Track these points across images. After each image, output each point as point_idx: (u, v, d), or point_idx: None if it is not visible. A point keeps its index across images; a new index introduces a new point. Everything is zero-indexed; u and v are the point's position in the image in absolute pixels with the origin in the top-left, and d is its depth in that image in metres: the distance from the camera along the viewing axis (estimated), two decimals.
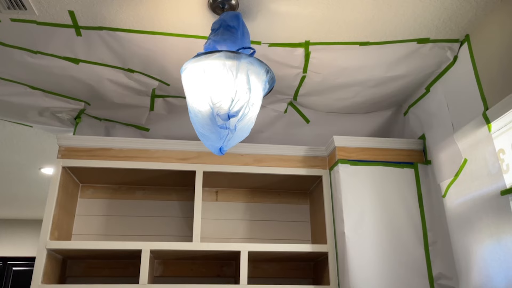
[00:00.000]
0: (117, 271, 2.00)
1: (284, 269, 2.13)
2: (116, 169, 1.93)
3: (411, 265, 1.73)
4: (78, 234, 2.04)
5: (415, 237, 1.79)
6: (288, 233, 2.19)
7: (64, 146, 1.90)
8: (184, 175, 2.00)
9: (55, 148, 1.92)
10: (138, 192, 2.17)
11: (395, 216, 1.81)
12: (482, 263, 1.48)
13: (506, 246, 1.37)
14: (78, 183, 2.10)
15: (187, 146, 1.99)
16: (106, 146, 1.93)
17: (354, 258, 1.73)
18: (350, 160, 1.91)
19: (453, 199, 1.67)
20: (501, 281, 1.39)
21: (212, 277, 2.06)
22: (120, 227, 2.09)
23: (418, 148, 1.95)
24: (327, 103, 2.12)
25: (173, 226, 2.14)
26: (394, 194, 1.85)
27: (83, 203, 2.11)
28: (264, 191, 2.26)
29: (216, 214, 2.19)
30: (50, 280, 1.77)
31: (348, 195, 1.84)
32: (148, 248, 1.77)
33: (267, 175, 2.04)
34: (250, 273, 2.02)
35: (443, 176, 1.75)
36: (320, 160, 2.05)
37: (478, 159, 1.54)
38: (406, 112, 2.13)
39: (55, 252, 1.80)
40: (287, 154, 2.03)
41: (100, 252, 1.85)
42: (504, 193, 1.40)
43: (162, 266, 2.05)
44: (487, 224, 1.46)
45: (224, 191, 2.24)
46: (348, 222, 1.79)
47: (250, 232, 2.17)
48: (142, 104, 2.11)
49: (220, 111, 1.29)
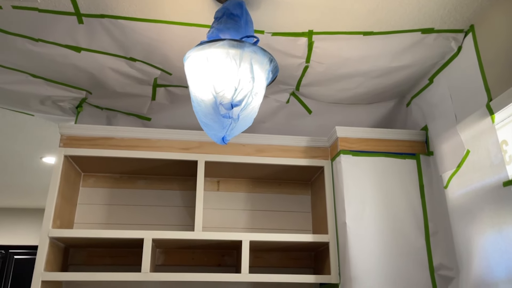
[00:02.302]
0: (119, 260, 2.01)
1: (285, 259, 2.14)
2: (118, 158, 1.93)
3: (412, 256, 1.74)
4: (80, 223, 2.05)
5: (416, 227, 1.79)
6: (289, 223, 2.20)
7: (66, 135, 1.90)
8: (186, 164, 2.00)
9: (56, 137, 1.91)
10: (140, 181, 2.17)
11: (396, 206, 1.82)
12: (483, 254, 1.48)
13: (507, 237, 1.38)
14: (80, 172, 2.10)
15: (189, 136, 1.98)
16: (108, 135, 1.92)
17: (355, 248, 1.73)
18: (352, 150, 1.90)
19: (455, 190, 1.67)
20: (502, 271, 1.40)
21: (213, 266, 2.08)
22: (122, 216, 2.10)
23: (420, 139, 1.95)
24: (330, 94, 2.12)
25: (175, 215, 2.14)
26: (395, 184, 1.85)
27: (85, 192, 2.11)
28: (265, 181, 2.26)
29: (217, 204, 2.19)
30: (52, 268, 1.78)
31: (350, 185, 1.84)
32: (150, 237, 1.78)
33: (269, 166, 2.04)
34: (251, 262, 2.03)
35: (445, 167, 1.75)
36: (322, 151, 2.05)
37: (480, 150, 1.54)
38: (408, 103, 2.13)
39: (57, 240, 1.81)
40: (288, 145, 2.03)
41: (102, 241, 1.85)
42: (507, 184, 1.40)
43: (163, 255, 2.06)
44: (488, 215, 1.47)
45: (226, 181, 2.24)
46: (350, 212, 1.79)
47: (251, 222, 2.18)
48: (143, 93, 2.10)
49: (223, 100, 1.29)
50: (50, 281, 1.75)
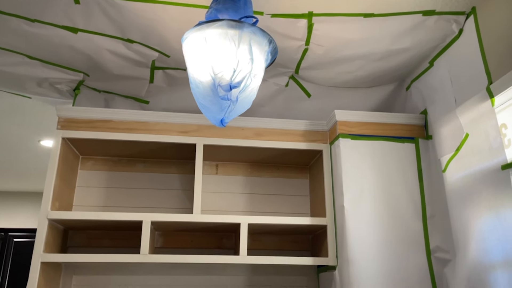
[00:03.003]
0: (118, 242, 2.02)
1: (283, 242, 2.16)
2: (116, 141, 1.92)
3: (409, 238, 1.75)
4: (79, 205, 2.05)
5: (414, 211, 1.80)
6: (287, 206, 2.21)
7: (63, 117, 1.89)
8: (185, 148, 2.00)
9: (54, 120, 1.90)
10: (138, 164, 2.17)
11: (394, 190, 1.82)
12: (479, 237, 1.49)
13: (504, 220, 1.39)
14: (78, 154, 2.10)
15: (187, 119, 1.97)
16: (106, 117, 1.91)
17: (352, 231, 1.75)
18: (351, 134, 1.90)
19: (453, 173, 1.67)
20: (498, 254, 1.41)
21: (212, 249, 2.09)
22: (121, 199, 2.10)
23: (419, 123, 1.94)
24: (329, 77, 2.10)
25: (173, 198, 2.15)
26: (394, 168, 1.86)
27: (83, 175, 2.11)
28: (264, 165, 2.26)
29: (216, 188, 2.20)
30: (51, 249, 1.79)
31: (348, 169, 1.84)
32: (149, 220, 1.78)
33: (267, 149, 2.04)
34: (249, 245, 2.04)
35: (443, 151, 1.75)
36: (321, 135, 2.05)
37: (479, 133, 1.54)
38: (408, 87, 2.12)
39: (56, 222, 1.82)
40: (287, 128, 2.03)
41: (101, 223, 1.86)
42: (505, 168, 1.40)
43: (162, 238, 2.07)
44: (486, 198, 1.47)
45: (224, 164, 2.24)
46: (348, 196, 1.80)
47: (250, 206, 2.19)
48: (141, 76, 2.08)
49: (222, 82, 1.27)
50: (49, 263, 1.76)
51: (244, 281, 2.07)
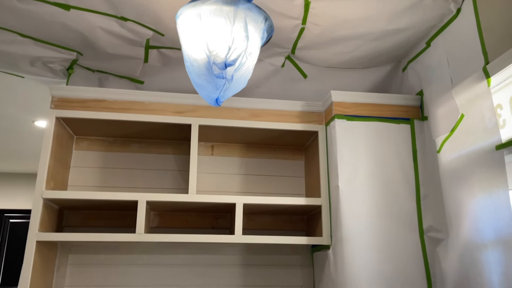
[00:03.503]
0: (114, 222, 2.03)
1: (278, 222, 2.17)
2: (111, 121, 1.91)
3: (402, 218, 1.77)
4: (74, 186, 2.05)
5: (408, 191, 1.81)
6: (282, 187, 2.22)
7: (57, 97, 1.87)
8: (180, 128, 1.99)
9: (48, 100, 1.88)
10: (133, 145, 2.16)
11: (389, 170, 1.83)
12: (472, 216, 1.51)
13: (497, 199, 1.40)
14: (73, 135, 2.09)
15: (182, 99, 1.96)
16: (100, 97, 1.90)
17: (347, 210, 1.76)
18: (346, 115, 1.90)
19: (447, 154, 1.68)
20: (490, 233, 1.43)
21: (207, 229, 2.11)
22: (116, 180, 2.10)
23: (415, 104, 1.94)
24: (326, 58, 2.08)
25: (168, 179, 2.15)
26: (389, 149, 1.86)
27: (78, 155, 2.10)
28: (259, 146, 2.26)
29: (211, 168, 2.20)
30: (47, 229, 1.79)
31: (343, 149, 1.84)
32: (144, 199, 1.79)
33: (263, 130, 2.03)
34: (244, 225, 2.06)
35: (438, 132, 1.75)
36: (317, 116, 2.04)
37: (475, 114, 1.54)
38: (405, 68, 2.10)
39: (51, 201, 1.81)
40: (283, 109, 2.02)
41: (96, 203, 1.86)
42: (499, 148, 1.41)
43: (158, 218, 2.08)
44: (480, 178, 1.48)
45: (220, 145, 2.24)
46: (343, 176, 1.80)
47: (245, 186, 2.20)
48: (136, 55, 2.06)
49: (217, 60, 1.26)
50: (45, 242, 1.77)
51: (239, 260, 2.09)
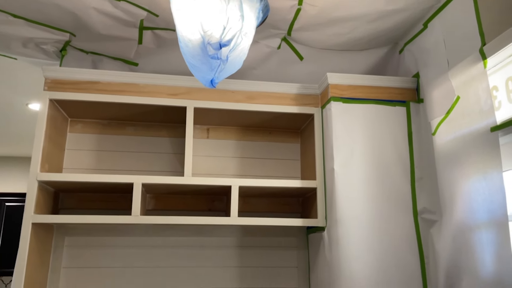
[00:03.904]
0: (110, 205, 2.03)
1: (274, 204, 2.18)
2: (105, 103, 1.89)
3: (396, 200, 1.78)
4: (69, 168, 2.04)
5: (403, 173, 1.82)
6: (278, 170, 2.22)
7: (50, 78, 1.85)
8: (175, 111, 1.98)
9: (41, 83, 1.86)
10: (128, 128, 2.15)
11: (384, 153, 1.83)
12: (466, 198, 1.52)
13: (491, 181, 1.41)
14: (67, 117, 2.07)
15: (177, 81, 1.94)
16: (93, 79, 1.88)
17: (342, 192, 1.77)
18: (342, 97, 1.89)
19: (442, 136, 1.68)
20: (483, 214, 1.44)
21: (203, 211, 2.11)
22: (111, 162, 2.10)
23: (411, 87, 1.93)
24: (322, 39, 2.06)
25: (164, 162, 2.15)
26: (384, 132, 1.86)
27: (72, 138, 2.09)
28: (255, 129, 2.26)
29: (207, 151, 2.20)
30: (42, 211, 1.79)
31: (339, 132, 1.84)
32: (140, 182, 1.79)
33: (259, 113, 2.02)
34: (240, 207, 2.06)
35: (434, 114, 1.75)
36: (313, 98, 2.03)
37: (470, 96, 1.54)
38: (401, 50, 2.09)
39: (46, 184, 1.81)
40: (279, 92, 2.01)
41: (92, 185, 1.86)
42: (494, 130, 1.41)
43: (154, 200, 2.09)
44: (474, 160, 1.49)
45: (215, 128, 2.23)
46: (338, 159, 1.81)
47: (241, 169, 2.20)
48: (130, 36, 2.03)
49: (211, 40, 1.25)
50: (40, 224, 1.77)
51: (235, 242, 2.11)
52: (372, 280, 1.68)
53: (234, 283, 2.06)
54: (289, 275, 2.10)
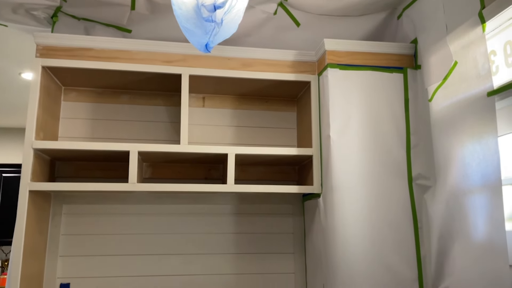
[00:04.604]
0: (107, 173, 2.03)
1: (270, 173, 2.20)
2: (98, 71, 1.86)
3: (392, 167, 1.80)
4: (64, 137, 2.04)
5: (398, 140, 1.83)
6: (274, 139, 2.23)
7: (42, 45, 1.81)
8: (170, 79, 1.96)
9: (34, 51, 1.83)
10: (123, 96, 2.13)
11: (380, 120, 1.83)
12: (461, 163, 1.53)
13: (486, 146, 1.41)
14: (60, 85, 2.04)
15: (172, 48, 1.91)
16: (86, 45, 1.84)
17: (337, 159, 1.78)
18: (339, 64, 1.87)
19: (439, 102, 1.68)
20: (478, 179, 1.46)
21: (200, 179, 2.13)
22: (107, 131, 2.09)
23: (409, 53, 1.91)
24: (319, 4, 2.02)
25: (160, 131, 2.14)
26: (381, 98, 1.85)
27: (67, 106, 2.07)
28: (251, 98, 2.24)
29: (203, 120, 2.19)
30: (39, 179, 1.79)
31: (336, 99, 1.83)
32: (136, 150, 1.78)
33: (255, 81, 2.00)
34: (236, 176, 2.07)
35: (431, 80, 1.74)
36: (309, 65, 2.01)
37: (468, 61, 1.52)
38: (400, 15, 2.05)
39: (41, 152, 1.81)
40: (275, 59, 1.98)
41: (88, 153, 1.86)
42: (491, 94, 1.40)
43: (150, 169, 2.09)
44: (470, 125, 1.49)
45: (211, 97, 2.21)
46: (334, 126, 1.81)
47: (237, 138, 2.20)
48: (122, 2, 1.97)
49: (205, 2, 1.21)
50: (38, 192, 1.78)
51: (232, 209, 2.13)
52: (366, 244, 1.72)
53: (230, 248, 2.10)
54: (285, 241, 2.14)
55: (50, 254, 1.93)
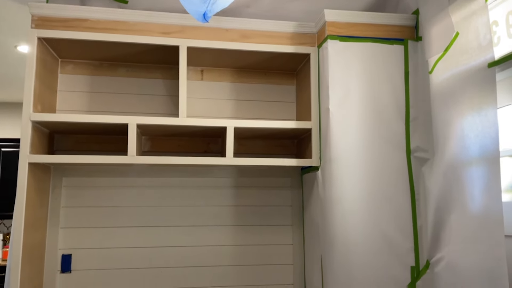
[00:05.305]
0: (106, 146, 2.03)
1: (268, 146, 2.20)
2: (95, 42, 1.84)
3: (390, 139, 1.80)
4: (62, 110, 2.03)
5: (398, 113, 1.82)
6: (273, 113, 2.22)
7: (37, 15, 1.78)
8: (168, 51, 1.93)
9: (29, 23, 1.79)
10: (120, 69, 2.11)
11: (380, 92, 1.82)
12: (459, 134, 1.54)
13: (485, 117, 1.41)
14: (57, 57, 2.02)
15: (169, 19, 1.88)
16: (82, 16, 1.81)
17: (336, 132, 1.78)
18: (340, 36, 1.84)
19: (439, 74, 1.66)
20: (475, 150, 1.46)
21: (199, 152, 2.13)
22: (105, 104, 2.08)
23: (410, 24, 1.88)
24: None
25: (158, 104, 2.13)
26: (381, 71, 1.84)
27: (64, 79, 2.05)
28: (250, 71, 2.22)
29: (202, 94, 2.17)
30: (38, 152, 1.80)
31: (335, 71, 1.82)
32: (135, 122, 1.78)
33: (254, 53, 1.98)
34: (235, 149, 2.08)
35: (432, 52, 1.72)
36: (309, 37, 1.99)
37: (470, 31, 1.50)
38: None
39: (40, 125, 1.80)
40: (274, 30, 1.96)
41: (86, 126, 1.85)
42: (491, 65, 1.39)
43: (149, 142, 2.09)
44: (470, 96, 1.48)
45: (210, 70, 2.19)
46: (333, 98, 1.80)
47: (236, 112, 2.19)
48: None
49: None
50: (37, 164, 1.78)
51: (231, 182, 2.15)
52: (364, 216, 1.74)
53: (230, 220, 2.12)
54: (283, 214, 2.17)
55: (51, 226, 1.95)
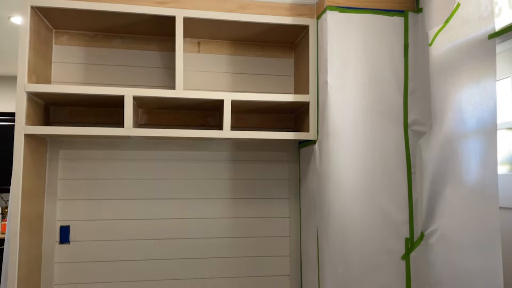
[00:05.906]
0: (102, 119, 2.02)
1: (266, 120, 2.19)
2: (89, 12, 1.80)
3: (388, 113, 1.79)
4: (57, 82, 2.00)
5: (396, 86, 1.81)
6: (271, 86, 2.20)
7: None
8: (164, 22, 1.89)
9: None
10: (116, 40, 2.07)
11: (379, 65, 1.80)
12: (457, 107, 1.53)
13: (483, 89, 1.40)
14: (51, 28, 1.98)
15: None
16: None
17: (334, 105, 1.77)
18: (339, 7, 1.81)
19: (439, 46, 1.65)
20: (473, 123, 1.46)
21: (196, 126, 2.12)
22: (100, 76, 2.05)
23: None
24: None
25: (155, 76, 2.11)
26: (380, 43, 1.81)
27: (59, 50, 2.02)
28: (248, 43, 2.19)
29: (198, 66, 2.15)
30: (34, 123, 1.78)
31: (334, 44, 1.79)
32: (131, 94, 1.76)
33: (252, 24, 1.95)
34: (233, 123, 2.08)
35: (432, 24, 1.69)
36: (308, 8, 1.95)
37: (471, 2, 1.48)
38: None
39: (35, 96, 1.78)
40: (273, 1, 1.92)
41: (82, 98, 1.83)
42: (492, 37, 1.37)
43: (146, 115, 2.08)
44: (469, 68, 1.47)
45: (207, 42, 2.16)
46: (332, 71, 1.78)
47: (233, 85, 2.17)
48: None
49: None
50: (33, 136, 1.77)
51: (228, 156, 2.15)
52: (360, 188, 1.75)
53: (227, 194, 2.13)
54: (280, 187, 2.18)
55: (49, 197, 1.96)
